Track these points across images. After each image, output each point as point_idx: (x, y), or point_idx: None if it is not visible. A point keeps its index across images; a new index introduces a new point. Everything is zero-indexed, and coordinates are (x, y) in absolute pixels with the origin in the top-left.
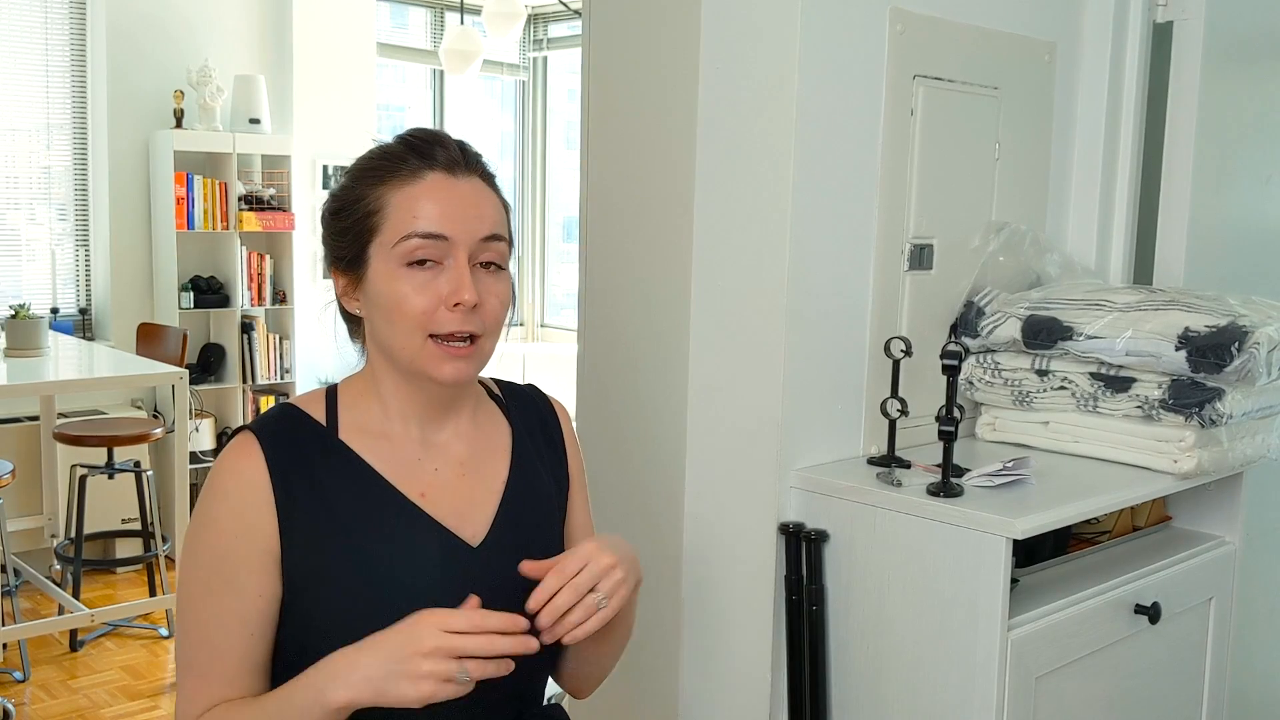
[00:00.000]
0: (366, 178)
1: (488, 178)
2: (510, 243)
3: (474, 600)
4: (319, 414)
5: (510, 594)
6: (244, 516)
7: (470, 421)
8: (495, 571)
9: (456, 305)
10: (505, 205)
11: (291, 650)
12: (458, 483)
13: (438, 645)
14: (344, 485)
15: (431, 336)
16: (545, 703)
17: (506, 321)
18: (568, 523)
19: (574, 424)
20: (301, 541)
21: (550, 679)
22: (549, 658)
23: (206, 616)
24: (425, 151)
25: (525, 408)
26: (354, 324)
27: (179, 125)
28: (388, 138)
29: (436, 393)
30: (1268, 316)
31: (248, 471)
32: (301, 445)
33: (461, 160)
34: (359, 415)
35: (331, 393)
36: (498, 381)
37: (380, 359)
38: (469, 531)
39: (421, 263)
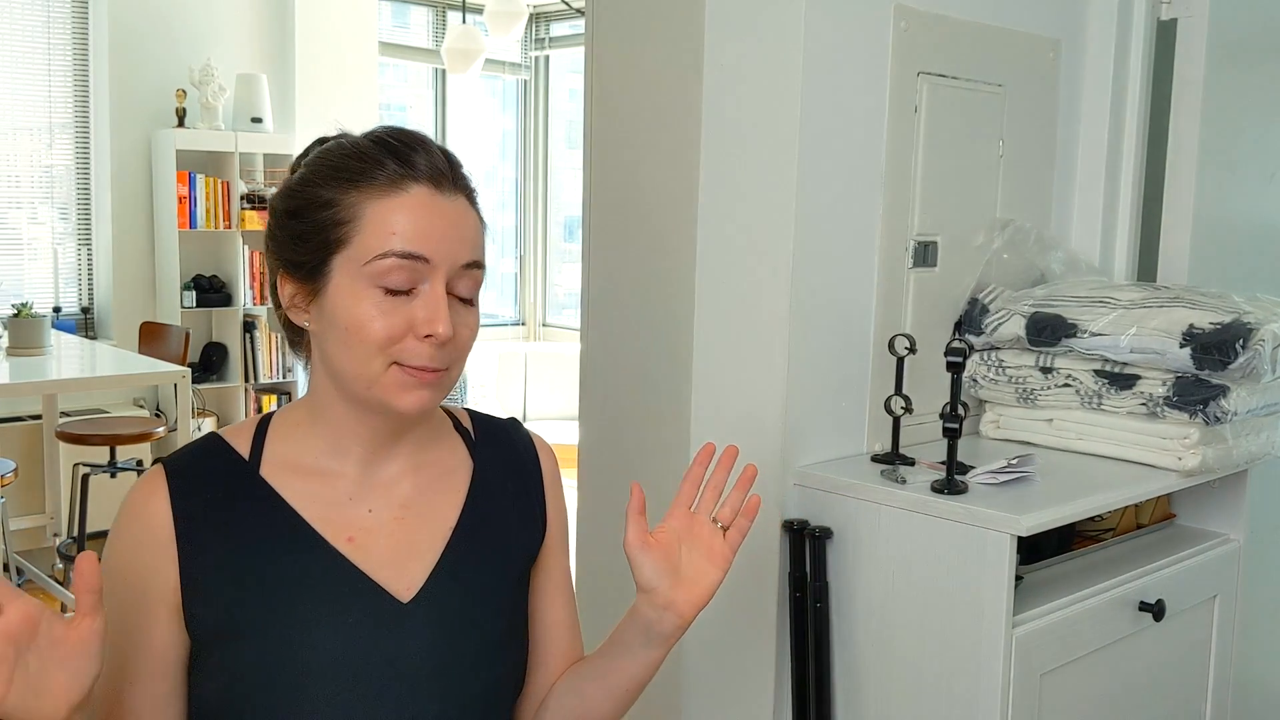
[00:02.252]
0: (335, 179)
1: (471, 195)
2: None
3: None
4: (244, 446)
5: (444, 655)
6: (139, 561)
7: (421, 456)
8: (427, 630)
9: (428, 337)
10: (484, 226)
11: (210, 707)
12: (395, 526)
13: None
14: (259, 528)
15: (395, 364)
16: None
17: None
18: (537, 579)
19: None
20: (207, 590)
21: None
22: None
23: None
24: (408, 159)
25: (498, 444)
26: (297, 335)
27: (181, 124)
28: (350, 130)
29: (385, 423)
30: (1272, 313)
31: (149, 512)
32: (216, 483)
33: (449, 174)
34: (290, 448)
35: (264, 422)
36: (473, 414)
37: (326, 383)
38: (402, 583)
39: (395, 286)
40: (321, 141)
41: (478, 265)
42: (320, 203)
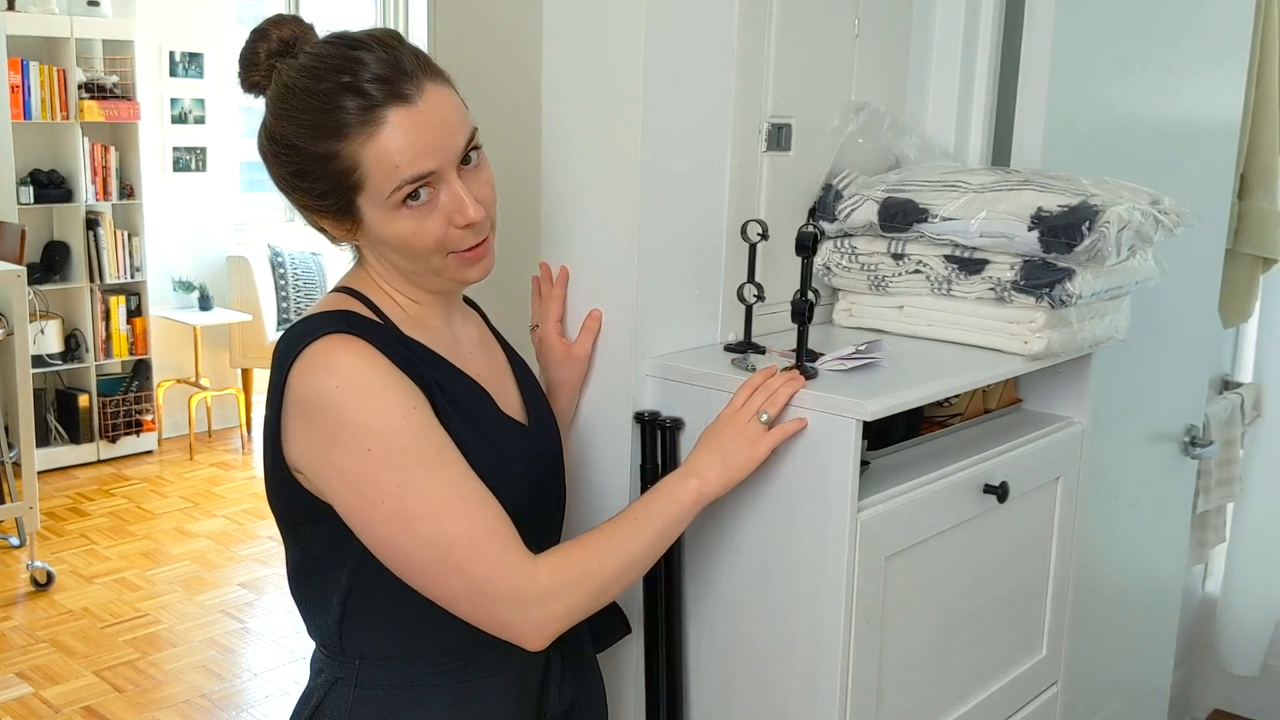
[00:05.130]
0: (323, 135)
1: (437, 76)
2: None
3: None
4: (367, 313)
5: (556, 468)
6: (408, 386)
7: (464, 310)
8: (544, 447)
9: (466, 225)
10: (455, 90)
11: None
12: (488, 365)
13: (744, 413)
14: (430, 375)
15: (450, 253)
16: None
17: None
18: None
19: None
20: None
21: None
22: None
23: (450, 485)
24: (365, 91)
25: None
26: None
27: (11, 7)
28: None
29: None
30: (1119, 196)
31: (378, 360)
32: (385, 340)
33: (408, 74)
34: (397, 311)
35: (355, 294)
36: None
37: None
38: (513, 410)
39: (416, 196)
40: (262, 38)
41: (470, 140)
42: (319, 158)
